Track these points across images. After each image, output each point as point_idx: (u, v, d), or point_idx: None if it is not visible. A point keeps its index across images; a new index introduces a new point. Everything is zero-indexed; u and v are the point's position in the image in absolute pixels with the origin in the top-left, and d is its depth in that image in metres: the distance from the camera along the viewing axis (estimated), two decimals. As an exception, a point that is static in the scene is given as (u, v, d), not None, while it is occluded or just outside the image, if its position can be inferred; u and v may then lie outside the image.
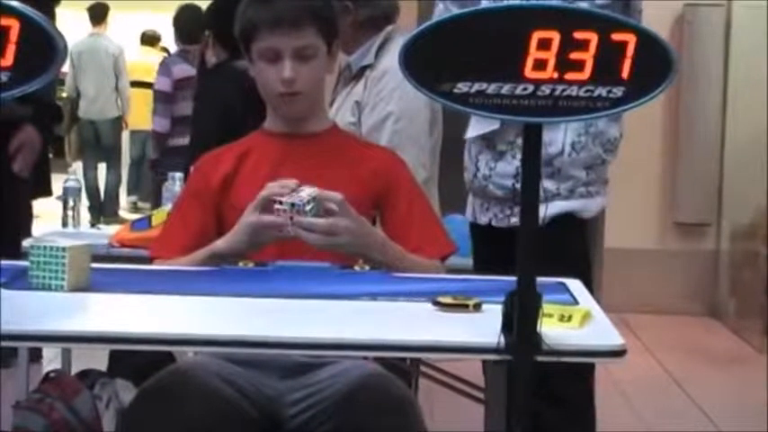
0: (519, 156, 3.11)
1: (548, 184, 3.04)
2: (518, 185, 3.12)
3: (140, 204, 10.80)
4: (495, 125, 3.16)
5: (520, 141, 3.10)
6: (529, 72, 1.87)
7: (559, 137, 3.13)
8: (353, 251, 2.52)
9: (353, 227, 2.49)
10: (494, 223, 3.24)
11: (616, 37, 1.87)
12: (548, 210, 2.84)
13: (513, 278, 1.89)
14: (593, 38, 1.86)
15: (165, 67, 6.63)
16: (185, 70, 6.39)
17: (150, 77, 7.94)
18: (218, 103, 4.12)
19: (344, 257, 2.55)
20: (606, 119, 3.13)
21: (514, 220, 3.15)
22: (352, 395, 2.27)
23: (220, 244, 2.57)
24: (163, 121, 6.45)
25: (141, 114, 9.71)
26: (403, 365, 3.29)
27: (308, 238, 2.46)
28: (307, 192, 2.47)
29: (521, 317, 1.87)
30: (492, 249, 3.23)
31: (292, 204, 2.44)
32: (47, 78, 1.91)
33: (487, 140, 3.21)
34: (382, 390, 2.28)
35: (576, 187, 3.17)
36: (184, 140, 6.26)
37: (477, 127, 3.23)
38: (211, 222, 2.70)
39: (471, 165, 3.28)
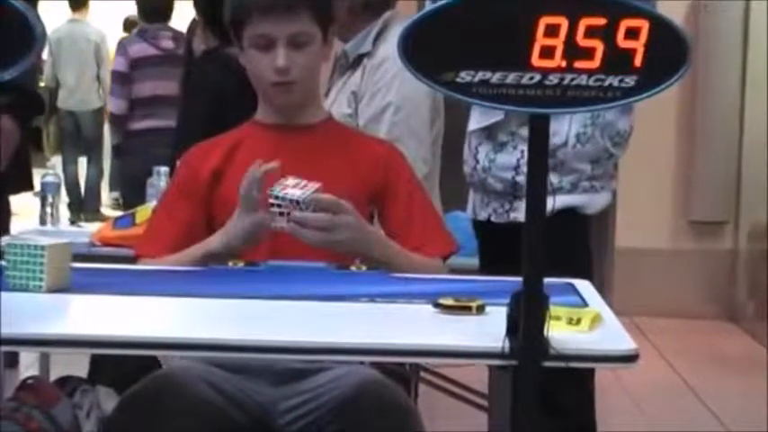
0: (520, 147, 3.14)
1: (549, 177, 3.04)
2: (518, 178, 3.15)
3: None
4: (499, 116, 3.16)
5: (522, 132, 3.13)
6: (536, 60, 1.87)
7: (563, 127, 3.13)
8: (352, 249, 2.53)
9: (352, 223, 2.49)
10: (493, 219, 3.25)
11: (628, 23, 1.87)
12: (550, 205, 2.86)
13: (519, 278, 1.89)
14: (604, 24, 1.86)
15: (121, 47, 6.67)
16: (143, 49, 6.43)
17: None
18: (209, 93, 4.11)
19: (341, 257, 2.55)
20: (616, 110, 3.14)
21: (514, 216, 3.16)
22: (349, 402, 2.27)
23: (215, 243, 2.56)
24: (119, 103, 6.48)
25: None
26: (402, 371, 3.28)
27: (305, 234, 2.46)
28: (301, 190, 2.47)
29: (527, 320, 1.87)
30: (493, 247, 3.24)
31: (285, 198, 2.45)
32: (23, 66, 1.90)
33: (488, 131, 3.22)
34: (380, 397, 2.28)
35: (580, 181, 3.17)
36: (145, 124, 6.31)
37: (480, 119, 3.23)
38: (200, 218, 2.70)
39: (471, 157, 3.28)
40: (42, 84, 9.97)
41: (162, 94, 6.28)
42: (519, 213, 3.13)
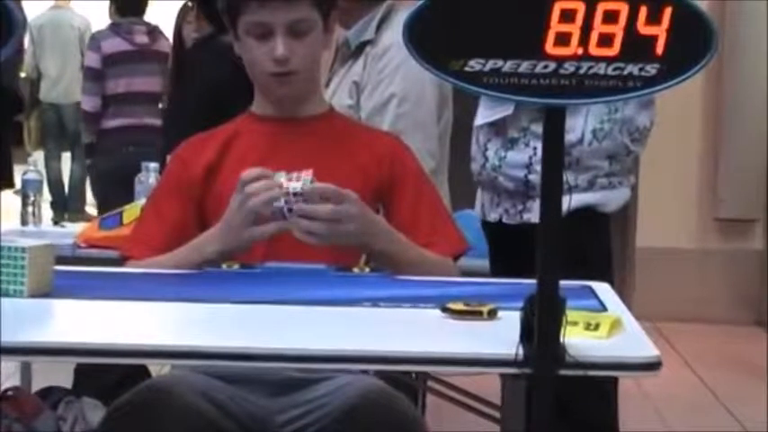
0: (533, 143, 3.14)
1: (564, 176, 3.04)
2: (531, 177, 3.16)
3: (110, 199, 10.78)
4: (508, 111, 3.16)
5: (534, 127, 3.13)
6: (550, 48, 1.87)
7: (579, 123, 3.13)
8: (358, 241, 2.52)
9: (358, 212, 2.49)
10: (504, 220, 3.25)
11: (649, 7, 1.87)
12: (566, 204, 2.86)
13: (533, 281, 1.89)
14: (623, 8, 1.86)
15: (94, 42, 6.72)
16: (116, 45, 6.49)
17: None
18: (203, 84, 4.12)
19: (342, 257, 2.56)
20: (635, 104, 3.14)
21: (527, 216, 3.17)
22: (351, 414, 2.27)
23: (209, 250, 2.56)
24: (93, 100, 6.55)
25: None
26: (408, 380, 3.29)
27: (314, 228, 2.45)
28: (297, 182, 2.47)
29: (541, 325, 1.87)
30: (504, 249, 3.24)
31: (287, 192, 2.45)
32: (1, 56, 1.90)
33: (498, 126, 3.22)
34: (385, 408, 2.28)
35: (597, 178, 3.17)
36: (119, 122, 6.37)
37: (487, 113, 3.23)
38: (192, 217, 2.70)
39: (479, 154, 3.28)
40: (23, 74, 9.97)
41: (136, 90, 6.39)
42: (532, 214, 3.13)
